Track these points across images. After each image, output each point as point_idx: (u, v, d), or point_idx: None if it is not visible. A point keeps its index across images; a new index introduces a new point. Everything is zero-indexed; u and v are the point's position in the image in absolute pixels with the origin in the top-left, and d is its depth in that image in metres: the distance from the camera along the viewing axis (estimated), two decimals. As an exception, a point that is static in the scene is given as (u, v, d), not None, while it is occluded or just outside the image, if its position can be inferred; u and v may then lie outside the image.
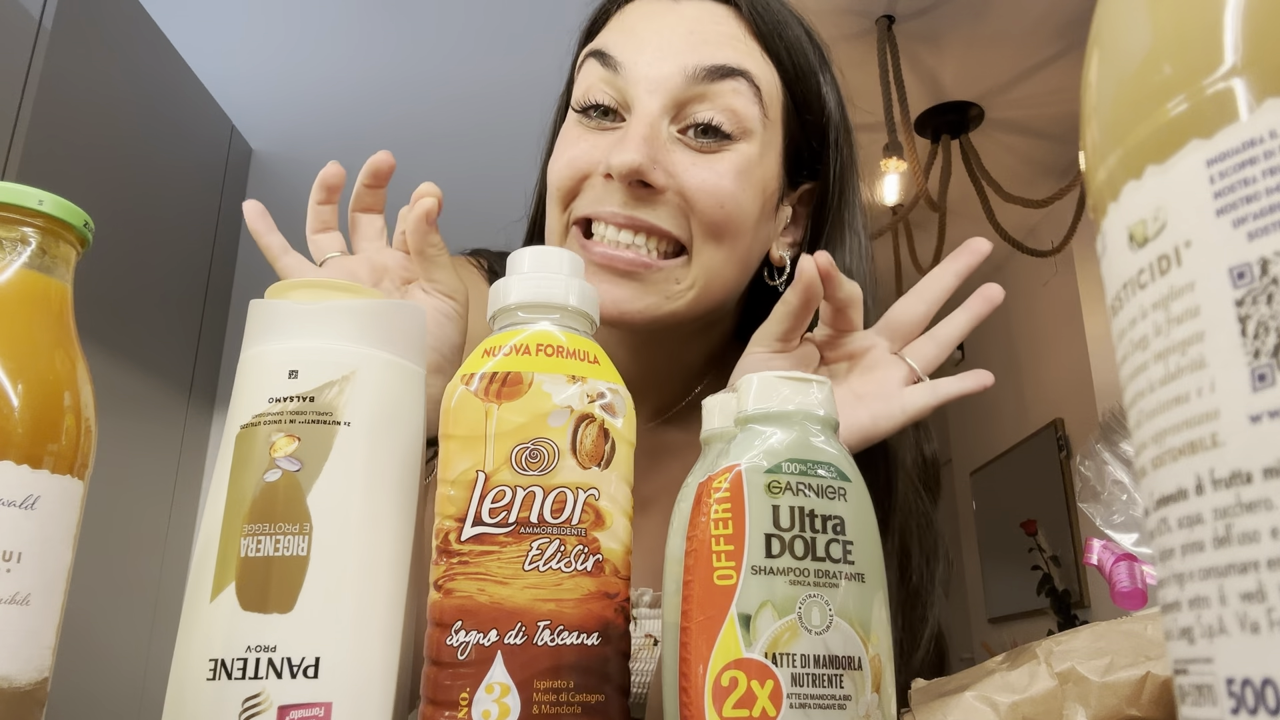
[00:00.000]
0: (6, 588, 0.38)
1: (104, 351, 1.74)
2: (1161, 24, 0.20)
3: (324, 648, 0.36)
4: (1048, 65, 2.95)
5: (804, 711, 0.34)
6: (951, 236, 3.33)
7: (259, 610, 0.35)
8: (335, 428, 0.38)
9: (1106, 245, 0.22)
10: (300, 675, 0.35)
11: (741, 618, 0.35)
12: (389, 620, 0.38)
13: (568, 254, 0.42)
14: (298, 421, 0.38)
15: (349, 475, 0.38)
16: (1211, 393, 0.18)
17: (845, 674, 0.35)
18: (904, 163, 2.95)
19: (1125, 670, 0.39)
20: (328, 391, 0.38)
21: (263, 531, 0.36)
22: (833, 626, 0.35)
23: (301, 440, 0.37)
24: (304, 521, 0.36)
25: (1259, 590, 0.17)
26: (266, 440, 0.38)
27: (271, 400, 0.38)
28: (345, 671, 0.36)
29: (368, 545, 0.38)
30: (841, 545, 0.36)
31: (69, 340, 0.44)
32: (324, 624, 0.36)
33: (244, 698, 0.35)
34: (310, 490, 0.37)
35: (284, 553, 0.36)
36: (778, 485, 0.36)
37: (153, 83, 1.81)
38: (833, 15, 2.81)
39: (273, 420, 0.38)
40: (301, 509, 0.36)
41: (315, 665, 0.35)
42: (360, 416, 0.38)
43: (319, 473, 0.37)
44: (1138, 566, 0.57)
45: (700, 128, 0.59)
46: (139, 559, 1.95)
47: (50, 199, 0.43)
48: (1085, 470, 0.59)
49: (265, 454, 0.37)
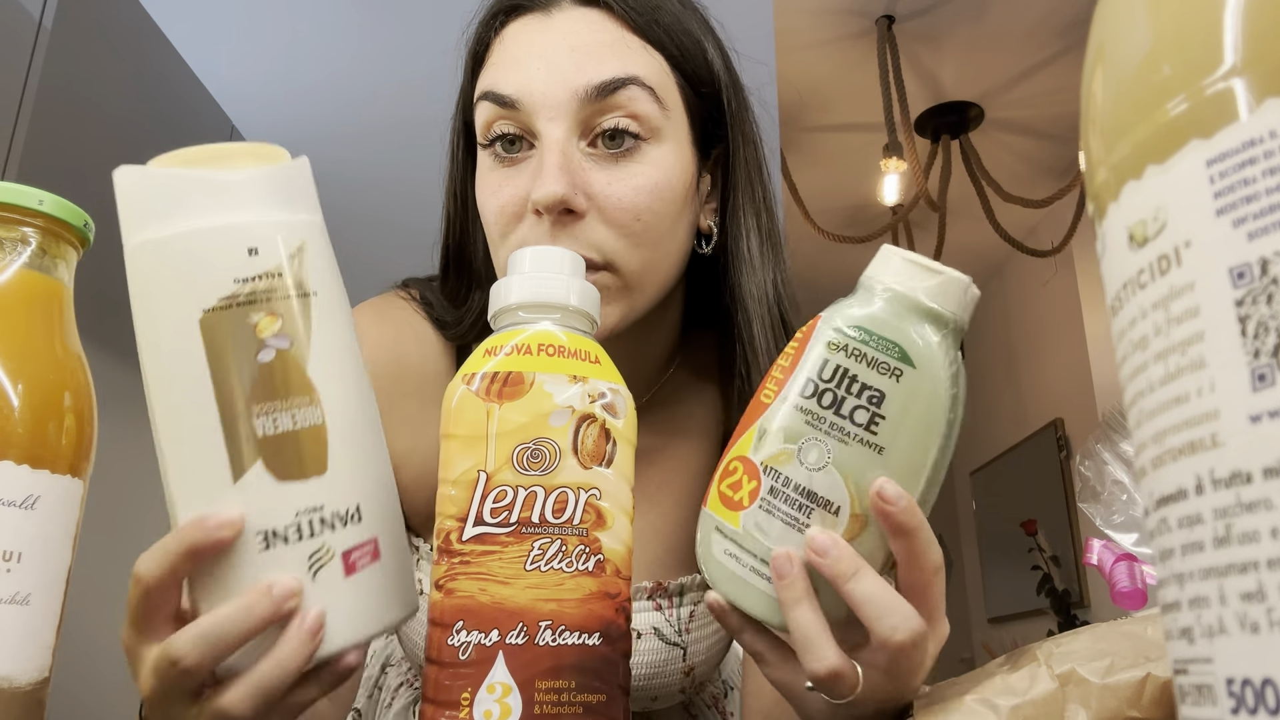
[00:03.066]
0: (6, 588, 0.38)
1: (104, 351, 1.74)
2: (1161, 24, 0.20)
3: (361, 495, 0.39)
4: (1048, 65, 2.95)
5: (768, 516, 0.42)
6: (951, 236, 3.33)
7: (298, 478, 0.38)
8: (309, 299, 0.39)
9: (1106, 245, 0.22)
10: (350, 523, 0.39)
11: (760, 429, 0.43)
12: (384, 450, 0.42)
13: (568, 254, 0.42)
14: (274, 299, 0.38)
15: (332, 342, 0.39)
16: (1211, 393, 0.18)
17: (816, 511, 0.41)
18: (904, 163, 2.95)
19: (1126, 672, 0.39)
20: (292, 265, 0.39)
21: (275, 409, 0.37)
22: (824, 471, 0.41)
23: (283, 317, 0.38)
24: (311, 393, 0.38)
25: (1259, 590, 0.17)
26: (245, 323, 0.37)
27: (238, 281, 0.38)
28: (380, 507, 0.40)
29: (360, 396, 0.41)
30: (869, 414, 0.41)
31: (69, 340, 0.44)
32: (356, 475, 0.39)
33: (308, 554, 0.38)
34: (308, 363, 0.38)
35: (303, 424, 0.38)
36: (834, 344, 0.42)
37: (153, 83, 1.81)
38: (833, 15, 2.81)
39: (246, 302, 0.38)
40: (305, 382, 0.38)
41: (358, 511, 0.39)
42: (321, 285, 0.39)
43: (310, 345, 0.38)
44: (1138, 566, 0.57)
45: (608, 134, 0.60)
46: (138, 559, 1.94)
47: (50, 199, 0.43)
48: (1085, 470, 0.59)
49: (251, 336, 0.37)
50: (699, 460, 0.70)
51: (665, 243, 0.62)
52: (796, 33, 2.82)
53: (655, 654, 0.65)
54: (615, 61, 0.61)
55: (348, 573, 0.38)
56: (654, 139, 0.61)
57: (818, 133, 3.33)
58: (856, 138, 3.34)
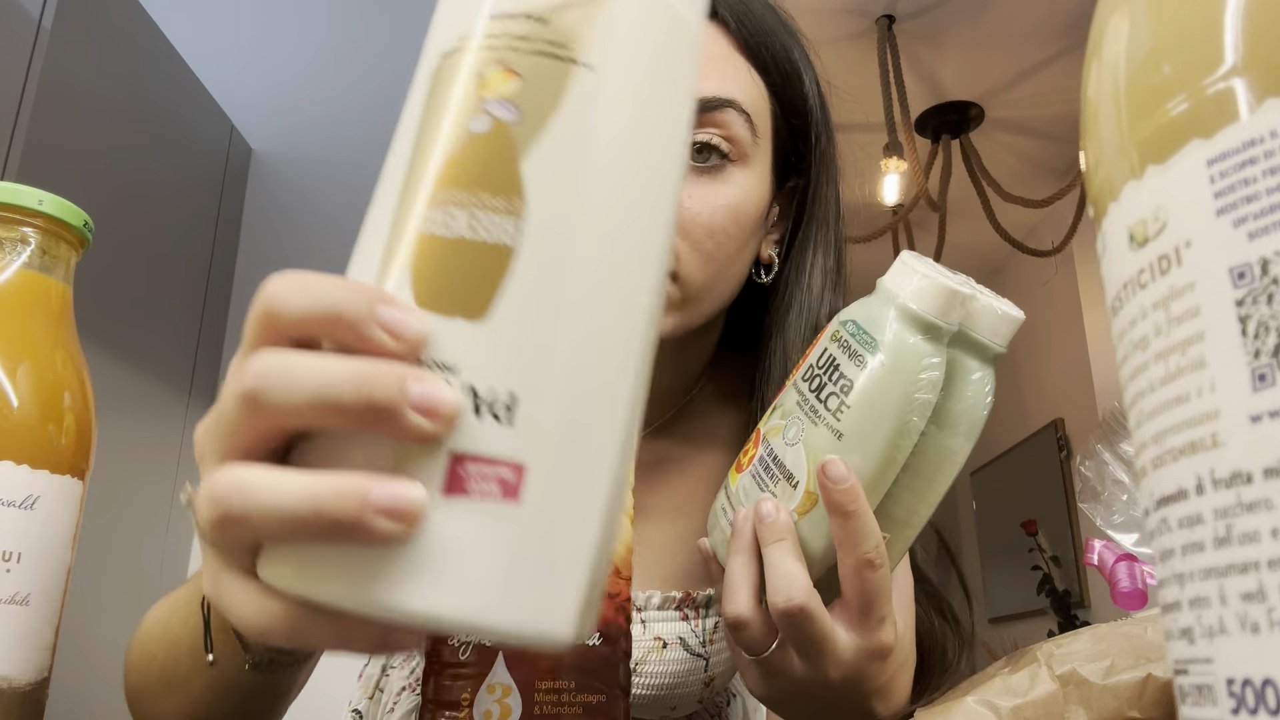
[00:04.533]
0: (6, 588, 0.38)
1: (104, 351, 1.75)
2: (1161, 24, 0.20)
3: (526, 380, 0.24)
4: (1048, 65, 2.95)
5: (752, 480, 0.47)
6: (952, 236, 3.33)
7: (440, 310, 0.24)
8: (571, 67, 0.26)
9: (1107, 245, 0.22)
10: (486, 414, 0.23)
11: (775, 404, 0.48)
12: (630, 360, 0.26)
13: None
14: (521, 51, 0.26)
15: (584, 136, 0.26)
16: (1212, 393, 0.18)
17: (781, 481, 0.45)
18: (904, 163, 2.95)
19: (1126, 672, 0.39)
20: (565, 14, 0.27)
21: (456, 201, 0.25)
22: (795, 447, 0.44)
23: (525, 78, 0.26)
24: (513, 195, 0.25)
25: (1259, 590, 0.17)
26: (474, 74, 0.26)
27: (490, 18, 0.27)
28: (553, 421, 0.24)
29: (605, 242, 0.26)
30: (839, 400, 0.43)
31: (69, 340, 0.44)
32: (529, 346, 0.24)
33: None
34: (528, 151, 0.25)
35: (481, 235, 0.25)
36: (833, 335, 0.45)
37: (153, 83, 1.81)
38: (833, 15, 2.81)
39: (487, 47, 0.27)
40: (512, 175, 0.25)
41: (510, 403, 0.24)
42: (610, 59, 0.27)
43: (543, 127, 0.26)
44: (1138, 566, 0.56)
45: (697, 148, 0.60)
46: (139, 559, 1.95)
47: (50, 199, 0.43)
48: (1085, 470, 0.59)
49: (473, 93, 0.26)
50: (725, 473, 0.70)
51: (731, 264, 0.63)
52: (796, 33, 2.82)
53: (680, 664, 0.65)
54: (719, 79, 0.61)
55: (447, 490, 0.23)
56: (741, 162, 0.61)
57: (818, 133, 3.32)
58: (856, 138, 3.33)
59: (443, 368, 0.24)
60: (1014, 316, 0.44)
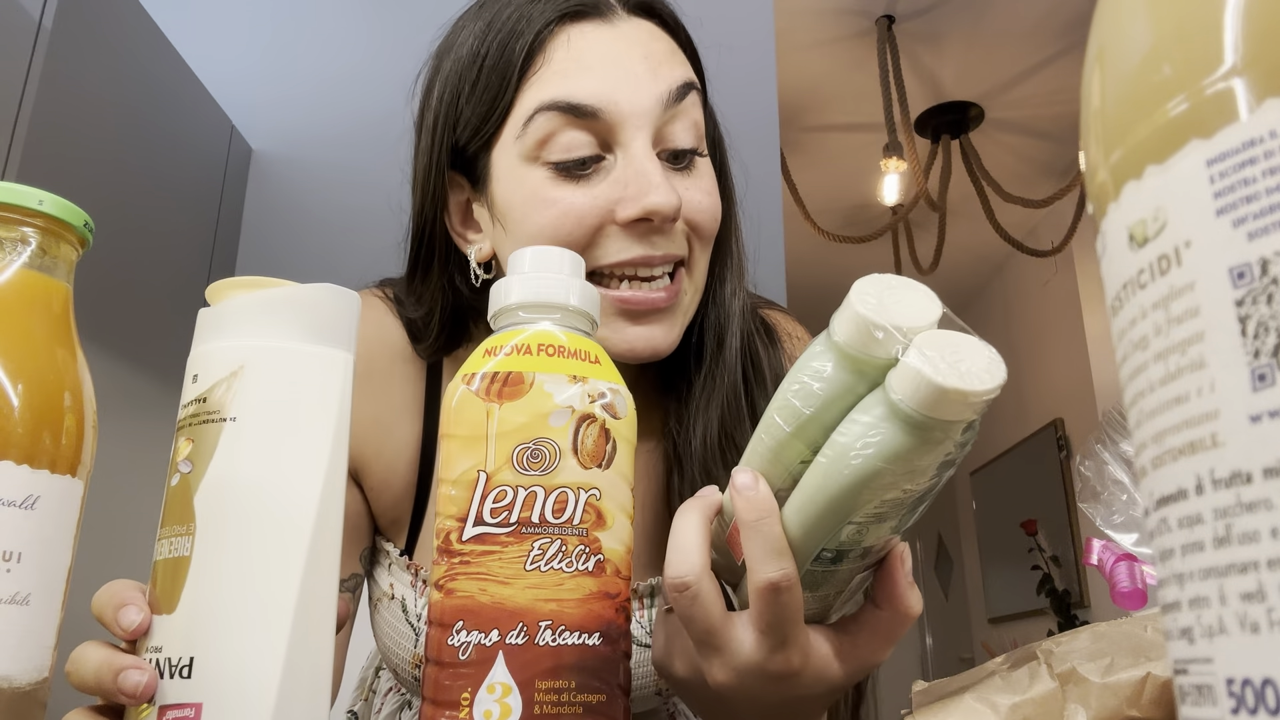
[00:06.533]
0: (6, 588, 0.38)
1: (104, 351, 1.74)
2: (1161, 24, 0.20)
3: (197, 648, 0.36)
4: (1048, 65, 2.95)
5: None
6: (951, 236, 3.33)
7: (160, 612, 0.37)
8: (221, 425, 0.38)
9: (1106, 245, 0.22)
10: (177, 675, 0.36)
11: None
12: (275, 619, 0.37)
13: (568, 254, 0.42)
14: (193, 424, 0.38)
15: (231, 471, 0.37)
16: (1211, 393, 0.18)
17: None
18: (904, 163, 2.95)
19: (1126, 671, 0.39)
20: (217, 390, 0.38)
21: (168, 534, 0.38)
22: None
23: (195, 442, 0.38)
24: (190, 522, 0.37)
25: (1259, 590, 0.17)
26: (174, 447, 0.39)
27: (182, 407, 0.40)
28: (217, 672, 0.36)
29: (248, 542, 0.37)
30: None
31: (69, 340, 0.44)
32: (199, 624, 0.36)
33: None
34: (197, 490, 0.37)
35: (175, 554, 0.37)
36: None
37: (153, 83, 1.81)
38: (833, 15, 2.81)
39: (182, 426, 0.39)
40: (188, 509, 0.37)
41: (189, 665, 0.36)
42: (247, 410, 0.38)
43: (204, 472, 0.37)
44: (1138, 566, 0.56)
45: (671, 153, 0.61)
46: (139, 559, 1.95)
47: (50, 199, 0.43)
48: (1085, 470, 0.59)
49: (172, 460, 0.39)
50: (663, 464, 0.70)
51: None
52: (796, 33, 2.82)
53: None
54: (680, 68, 0.62)
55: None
56: (700, 146, 0.63)
57: (818, 133, 3.33)
58: (856, 138, 3.34)
59: (154, 649, 0.37)
60: (933, 383, 0.36)
